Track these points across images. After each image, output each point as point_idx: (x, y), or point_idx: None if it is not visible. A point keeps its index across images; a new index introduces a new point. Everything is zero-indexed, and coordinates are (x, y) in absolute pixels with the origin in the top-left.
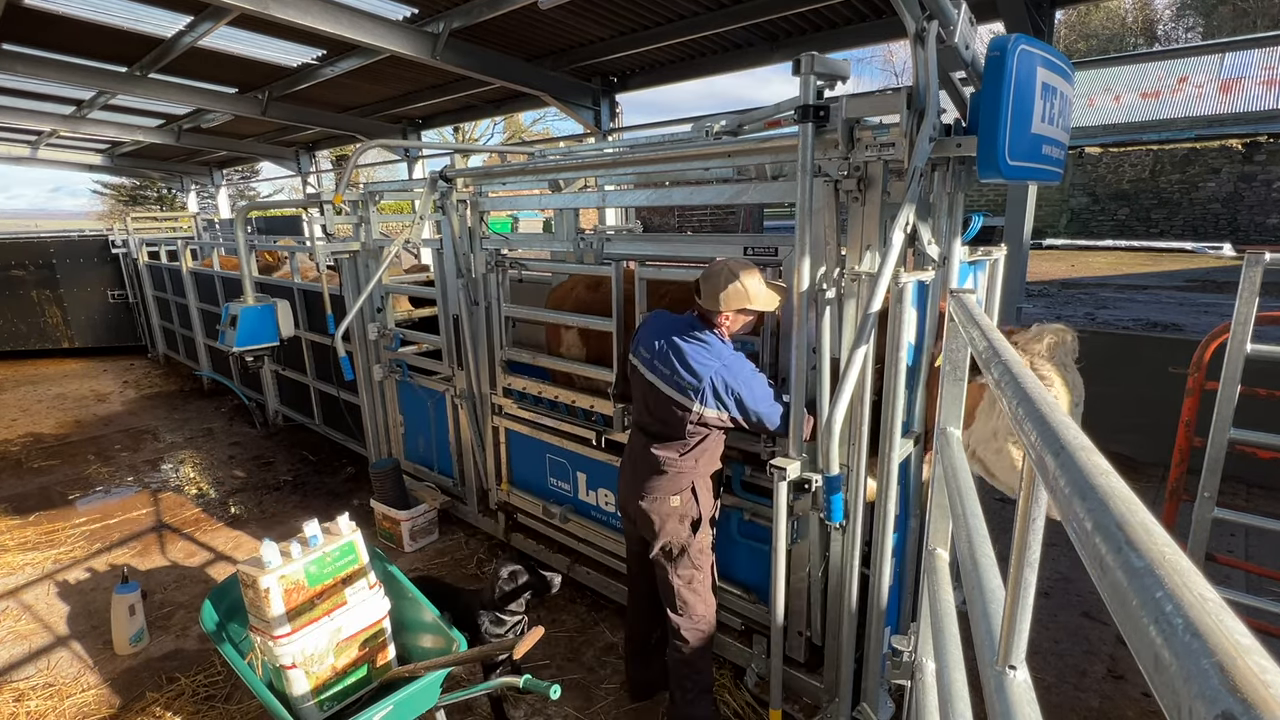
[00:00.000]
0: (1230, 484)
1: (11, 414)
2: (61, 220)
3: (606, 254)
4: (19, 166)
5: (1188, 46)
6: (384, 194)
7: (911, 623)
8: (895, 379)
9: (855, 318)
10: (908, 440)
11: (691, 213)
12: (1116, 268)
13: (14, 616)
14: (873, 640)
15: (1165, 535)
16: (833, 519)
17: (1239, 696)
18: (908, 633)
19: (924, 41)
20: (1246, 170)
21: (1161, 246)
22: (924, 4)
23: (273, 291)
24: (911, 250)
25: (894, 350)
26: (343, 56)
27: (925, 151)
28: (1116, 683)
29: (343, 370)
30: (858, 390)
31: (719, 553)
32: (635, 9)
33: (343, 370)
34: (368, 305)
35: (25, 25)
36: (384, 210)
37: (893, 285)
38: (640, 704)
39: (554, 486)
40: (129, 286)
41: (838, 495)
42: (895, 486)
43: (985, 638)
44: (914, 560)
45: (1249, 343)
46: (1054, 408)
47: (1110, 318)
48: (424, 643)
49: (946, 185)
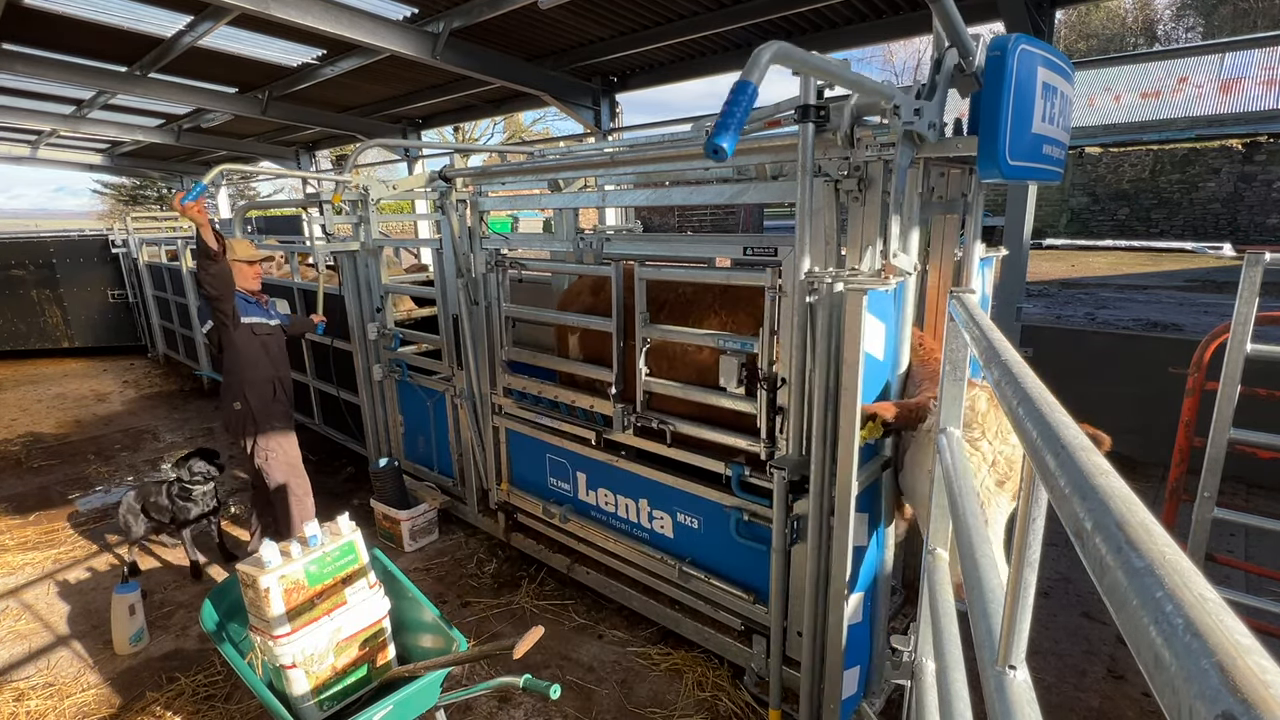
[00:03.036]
0: (1230, 484)
1: (11, 414)
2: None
3: (606, 254)
4: (21, 166)
5: (1188, 46)
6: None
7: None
8: (852, 397)
9: (823, 323)
10: (873, 464)
11: (691, 213)
12: (1116, 268)
13: (14, 616)
14: (829, 681)
15: (1165, 535)
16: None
17: (1239, 696)
18: (908, 633)
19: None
20: (1246, 170)
21: (1161, 246)
22: (946, 35)
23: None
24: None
25: (851, 368)
26: (343, 56)
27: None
28: (1116, 683)
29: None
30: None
31: (719, 552)
32: (635, 9)
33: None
34: (368, 305)
35: (25, 25)
36: (384, 210)
37: (829, 292)
38: (640, 705)
39: (554, 486)
40: (129, 286)
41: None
42: (851, 513)
43: (985, 638)
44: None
45: (1249, 343)
46: (1054, 407)
47: (1110, 318)
48: (424, 643)
49: (964, 187)
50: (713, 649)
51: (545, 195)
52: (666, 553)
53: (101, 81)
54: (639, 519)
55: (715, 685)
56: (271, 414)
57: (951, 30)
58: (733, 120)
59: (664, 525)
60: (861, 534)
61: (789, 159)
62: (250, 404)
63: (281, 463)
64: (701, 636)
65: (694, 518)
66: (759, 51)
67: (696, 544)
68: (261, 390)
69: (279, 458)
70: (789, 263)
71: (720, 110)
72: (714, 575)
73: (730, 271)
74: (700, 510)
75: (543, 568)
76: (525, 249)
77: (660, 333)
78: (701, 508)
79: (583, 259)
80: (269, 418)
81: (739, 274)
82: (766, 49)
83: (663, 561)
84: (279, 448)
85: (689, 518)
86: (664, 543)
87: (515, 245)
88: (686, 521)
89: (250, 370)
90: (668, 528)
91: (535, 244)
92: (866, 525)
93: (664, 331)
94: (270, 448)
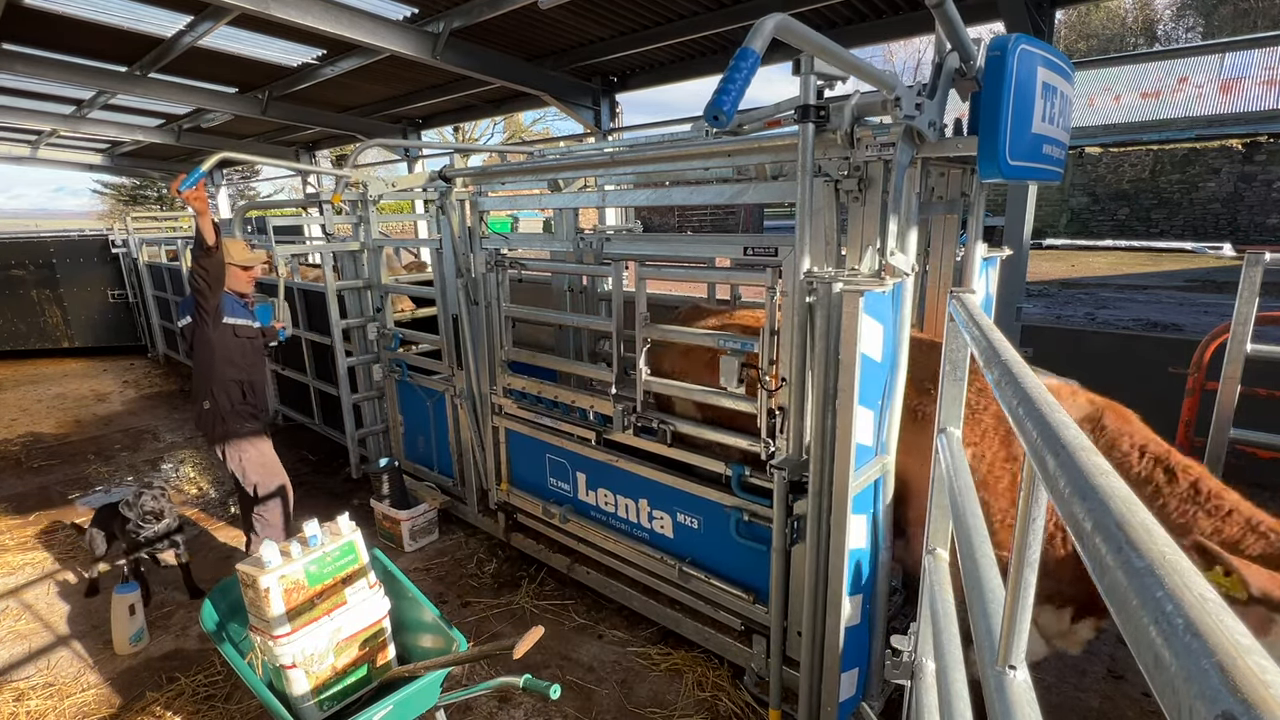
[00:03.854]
0: (1230, 484)
1: (11, 414)
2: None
3: (606, 254)
4: (21, 166)
5: (1188, 46)
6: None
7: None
8: (849, 398)
9: (821, 323)
10: (872, 465)
11: (691, 212)
12: (1116, 268)
13: (14, 616)
14: (827, 682)
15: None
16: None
17: (1239, 696)
18: (908, 633)
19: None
20: (1246, 170)
21: (1161, 246)
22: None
23: (271, 291)
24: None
25: (847, 370)
26: (343, 56)
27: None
28: (1116, 683)
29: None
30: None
31: (719, 552)
32: (635, 9)
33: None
34: (367, 305)
35: (25, 25)
36: (383, 210)
37: (828, 293)
38: (640, 705)
39: (554, 487)
40: (129, 286)
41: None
42: (848, 515)
43: (985, 638)
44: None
45: (1249, 343)
46: (1054, 407)
47: (1110, 318)
48: (424, 643)
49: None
50: (713, 649)
51: (545, 195)
52: (666, 553)
53: (101, 81)
54: (639, 519)
55: (715, 685)
56: (240, 415)
57: (953, 34)
58: (733, 86)
59: (664, 525)
60: (860, 536)
61: (789, 159)
62: (218, 403)
63: (256, 463)
64: (701, 636)
65: (694, 518)
66: (761, 21)
67: (696, 544)
68: (230, 391)
69: (252, 458)
70: (789, 263)
71: (722, 76)
72: (714, 575)
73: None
74: (700, 510)
75: (543, 568)
76: (525, 249)
77: (661, 332)
78: (701, 508)
79: (583, 259)
80: (237, 418)
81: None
82: (769, 19)
83: (663, 561)
84: (251, 447)
85: (689, 518)
86: (664, 543)
87: (515, 245)
88: (686, 521)
89: (222, 370)
90: (668, 528)
91: (535, 244)
92: (866, 527)
93: (665, 331)
94: (243, 448)
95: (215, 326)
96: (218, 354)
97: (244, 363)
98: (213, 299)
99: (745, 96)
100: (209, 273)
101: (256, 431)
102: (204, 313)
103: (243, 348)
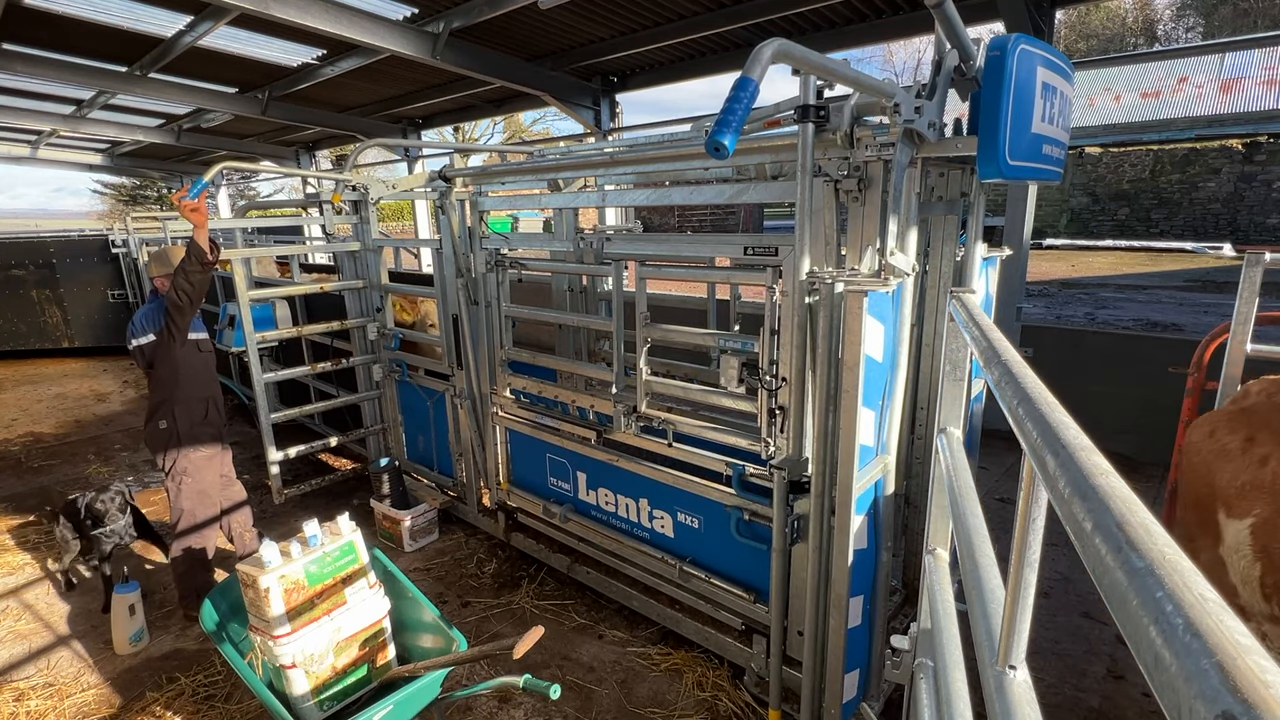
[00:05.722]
0: None
1: (11, 414)
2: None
3: (606, 254)
4: (21, 166)
5: (1188, 46)
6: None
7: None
8: (853, 399)
9: (823, 323)
10: (873, 465)
11: (691, 212)
12: (1116, 268)
13: (14, 616)
14: (830, 683)
15: (1165, 535)
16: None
17: (1239, 696)
18: (908, 633)
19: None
20: (1246, 170)
21: (1161, 246)
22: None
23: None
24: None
25: (851, 370)
26: (343, 56)
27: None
28: (1116, 683)
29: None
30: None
31: (719, 552)
32: (635, 9)
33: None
34: (367, 305)
35: (25, 25)
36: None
37: (829, 293)
38: (640, 704)
39: (554, 486)
40: (129, 286)
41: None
42: (853, 517)
43: (985, 638)
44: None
45: (1249, 343)
46: (1054, 407)
47: (1110, 318)
48: (424, 643)
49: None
50: (713, 649)
51: (545, 195)
52: (667, 552)
53: (101, 81)
54: (639, 518)
55: (715, 685)
56: (198, 436)
57: (953, 34)
58: (733, 118)
59: (664, 525)
60: (862, 536)
61: (789, 159)
62: (177, 423)
63: (192, 490)
64: (702, 636)
65: (694, 517)
66: (760, 48)
67: (697, 543)
68: (194, 409)
69: (191, 485)
70: (789, 263)
71: (721, 108)
72: (714, 575)
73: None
74: (701, 510)
75: (543, 567)
76: (525, 249)
77: (661, 332)
78: (702, 507)
79: (583, 259)
80: (195, 440)
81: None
82: (767, 46)
83: (663, 561)
84: (196, 474)
85: (689, 517)
86: (664, 542)
87: (515, 245)
88: (687, 521)
89: (187, 388)
90: (668, 527)
91: (535, 244)
92: (867, 527)
93: (665, 331)
94: (187, 472)
95: (183, 344)
96: (182, 372)
97: (207, 377)
98: (188, 316)
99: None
100: (195, 288)
101: (208, 457)
102: (175, 328)
103: (206, 362)
